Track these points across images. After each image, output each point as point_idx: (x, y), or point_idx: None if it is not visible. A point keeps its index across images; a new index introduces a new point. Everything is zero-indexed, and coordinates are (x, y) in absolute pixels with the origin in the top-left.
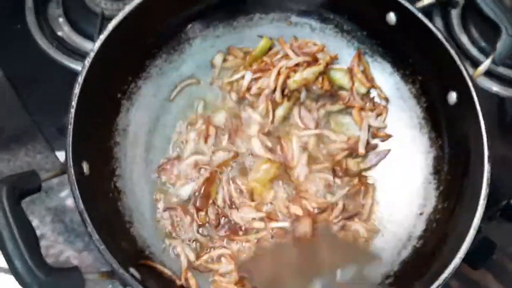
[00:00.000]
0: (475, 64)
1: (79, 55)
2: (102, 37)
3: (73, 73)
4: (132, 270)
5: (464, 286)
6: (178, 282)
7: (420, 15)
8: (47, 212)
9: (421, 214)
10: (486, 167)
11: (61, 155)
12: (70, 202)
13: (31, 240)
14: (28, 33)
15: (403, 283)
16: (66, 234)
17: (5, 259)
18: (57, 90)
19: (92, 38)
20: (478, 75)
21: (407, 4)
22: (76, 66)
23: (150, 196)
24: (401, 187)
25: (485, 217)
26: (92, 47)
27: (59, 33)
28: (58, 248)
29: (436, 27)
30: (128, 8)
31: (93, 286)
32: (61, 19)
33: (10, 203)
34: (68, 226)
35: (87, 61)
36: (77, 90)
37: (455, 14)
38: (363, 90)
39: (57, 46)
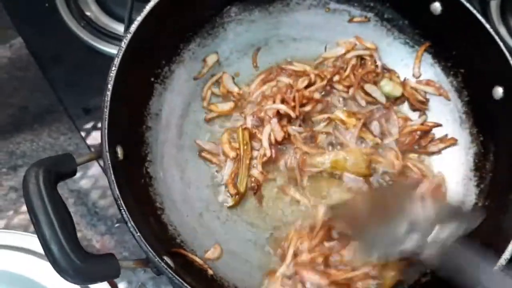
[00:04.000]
0: None
1: (106, 35)
2: (139, 18)
3: (99, 54)
4: (166, 258)
5: None
6: (210, 272)
7: (468, 6)
8: (69, 194)
9: None
10: None
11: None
12: (94, 185)
13: (68, 225)
14: (56, 12)
15: (439, 284)
16: (88, 217)
17: (41, 244)
18: (83, 70)
19: (119, 19)
20: None
21: None
22: (103, 46)
23: (181, 182)
24: None
25: None
26: (121, 28)
27: (87, 13)
28: (80, 231)
29: (485, 18)
30: None
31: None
32: None
33: (47, 187)
34: (91, 209)
35: (124, 43)
36: (113, 73)
37: (494, 5)
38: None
39: (85, 25)
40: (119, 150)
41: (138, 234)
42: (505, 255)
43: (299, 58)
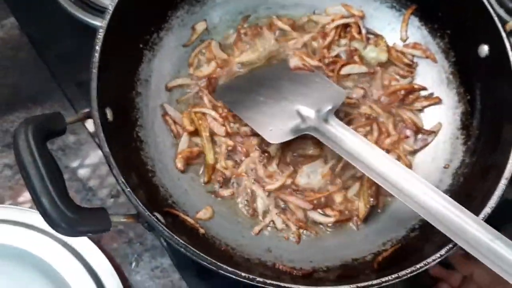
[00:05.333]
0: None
1: (97, 10)
2: None
3: (92, 29)
4: (157, 214)
5: None
6: (201, 231)
7: None
8: (64, 170)
9: (445, 167)
10: None
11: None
12: (88, 161)
13: (58, 179)
14: None
15: (427, 237)
16: (83, 192)
17: (32, 197)
18: (76, 46)
19: None
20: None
21: None
22: (95, 21)
23: (171, 147)
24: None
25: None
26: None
27: None
28: None
29: None
30: None
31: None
32: None
33: (37, 142)
34: (86, 185)
35: (111, 7)
36: (100, 35)
37: None
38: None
39: (75, 1)
40: (109, 112)
41: (128, 189)
42: (486, 210)
43: None
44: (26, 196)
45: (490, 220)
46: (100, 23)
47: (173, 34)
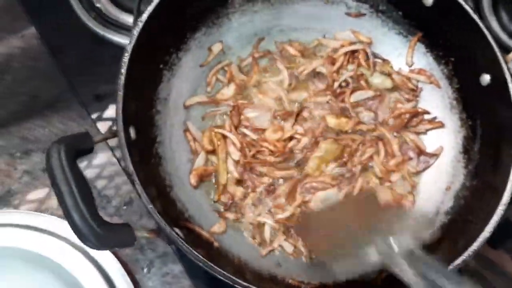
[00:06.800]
0: (505, 49)
1: (115, 25)
2: (150, 9)
3: (109, 43)
4: (176, 229)
5: (480, 263)
6: (216, 244)
7: None
8: None
9: (447, 189)
10: None
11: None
12: (100, 174)
13: (88, 195)
14: (67, 3)
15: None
16: (98, 199)
17: (64, 213)
18: (93, 59)
19: (127, 10)
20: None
21: None
22: (112, 36)
23: (187, 162)
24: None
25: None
26: (129, 19)
27: (97, 5)
28: None
29: (472, 10)
30: None
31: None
32: None
33: (68, 161)
34: (101, 192)
35: (136, 31)
36: (126, 58)
37: None
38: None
39: (95, 17)
40: (132, 131)
41: (151, 206)
42: (484, 235)
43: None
44: (44, 202)
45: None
46: (117, 38)
47: (191, 55)
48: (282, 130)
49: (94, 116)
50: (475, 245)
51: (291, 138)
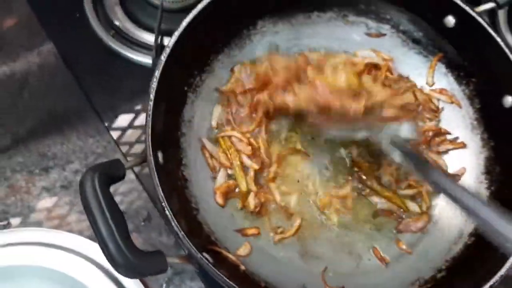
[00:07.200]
0: None
1: (134, 44)
2: (177, 33)
3: (127, 61)
4: (205, 254)
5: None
6: (242, 267)
7: (480, 20)
8: None
9: None
10: None
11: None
12: (121, 189)
13: (121, 224)
14: (86, 21)
15: (455, 279)
16: None
17: (99, 242)
18: (112, 76)
19: (147, 29)
20: None
21: (468, 9)
22: (130, 54)
23: (212, 182)
24: None
25: None
26: (148, 37)
27: (116, 23)
28: None
29: (496, 32)
30: (200, 6)
31: None
32: (117, 9)
33: (102, 189)
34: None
35: (163, 56)
36: (154, 84)
37: (501, 14)
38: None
39: (114, 34)
40: (160, 155)
41: (182, 233)
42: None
43: None
44: (64, 219)
45: None
46: (135, 56)
47: (214, 77)
48: None
49: (114, 133)
50: (501, 271)
51: None
